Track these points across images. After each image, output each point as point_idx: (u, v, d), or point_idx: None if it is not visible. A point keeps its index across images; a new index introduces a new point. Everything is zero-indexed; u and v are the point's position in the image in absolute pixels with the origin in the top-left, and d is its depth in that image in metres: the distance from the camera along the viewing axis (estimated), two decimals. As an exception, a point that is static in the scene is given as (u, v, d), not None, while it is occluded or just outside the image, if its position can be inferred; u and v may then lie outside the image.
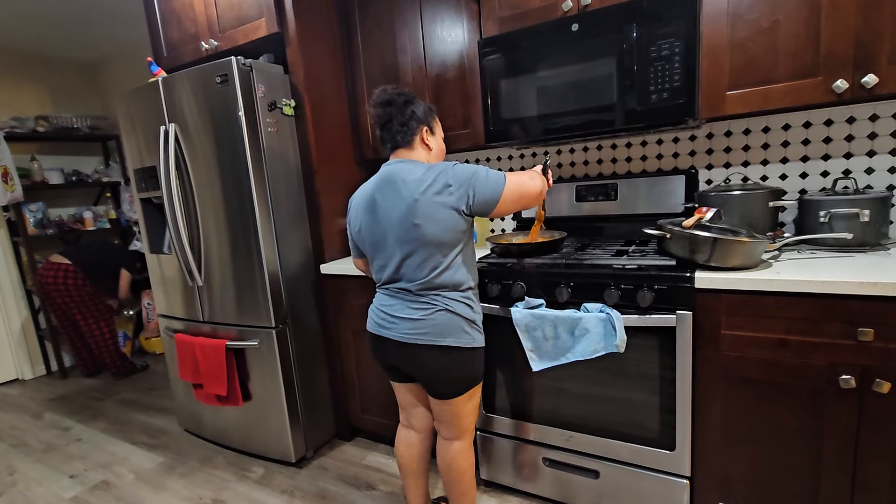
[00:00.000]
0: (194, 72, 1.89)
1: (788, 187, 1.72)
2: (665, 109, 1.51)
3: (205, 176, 1.97)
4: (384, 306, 1.38)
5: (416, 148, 1.36)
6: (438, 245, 1.27)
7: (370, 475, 2.02)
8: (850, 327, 1.18)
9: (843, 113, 1.60)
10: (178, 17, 2.24)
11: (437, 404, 1.40)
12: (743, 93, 1.47)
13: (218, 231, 2.00)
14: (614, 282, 1.44)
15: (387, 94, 1.35)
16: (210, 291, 2.10)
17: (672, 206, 1.83)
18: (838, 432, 1.24)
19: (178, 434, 2.50)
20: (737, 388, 1.35)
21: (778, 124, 1.70)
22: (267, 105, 1.91)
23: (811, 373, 1.25)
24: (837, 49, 1.33)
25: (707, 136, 1.82)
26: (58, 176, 3.61)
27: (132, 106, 2.14)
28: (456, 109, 1.99)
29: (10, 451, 2.46)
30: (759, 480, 1.37)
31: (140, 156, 2.19)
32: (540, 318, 1.50)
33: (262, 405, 2.08)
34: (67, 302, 3.09)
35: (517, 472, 1.76)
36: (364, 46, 2.17)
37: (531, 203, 1.35)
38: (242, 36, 2.05)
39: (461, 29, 1.90)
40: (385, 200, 1.32)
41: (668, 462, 1.47)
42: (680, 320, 1.36)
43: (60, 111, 3.77)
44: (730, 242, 1.31)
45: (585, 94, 1.63)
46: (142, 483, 2.09)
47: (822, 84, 1.36)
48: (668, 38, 1.46)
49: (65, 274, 3.04)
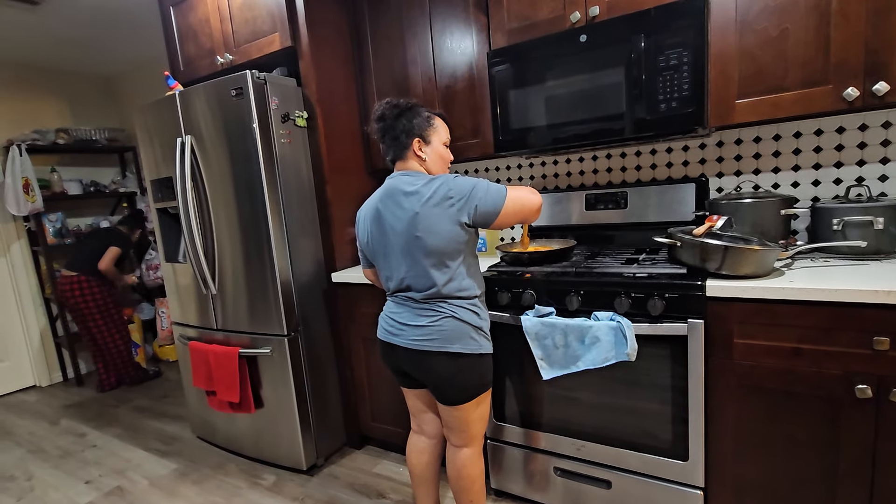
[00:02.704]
0: (210, 85, 1.94)
1: (801, 195, 1.71)
2: (674, 118, 1.51)
3: (219, 186, 2.01)
4: (393, 314, 1.40)
5: (409, 160, 1.38)
6: (440, 256, 1.29)
7: (380, 483, 2.02)
8: (865, 336, 1.17)
9: (856, 120, 1.59)
10: (194, 32, 2.30)
11: (445, 410, 1.41)
12: (752, 101, 1.47)
13: (232, 240, 2.03)
14: (625, 290, 1.44)
15: (381, 108, 1.38)
16: (223, 299, 2.13)
17: (682, 215, 1.83)
18: (854, 442, 1.22)
19: (192, 441, 2.52)
20: (750, 397, 1.34)
21: (789, 132, 1.69)
22: (280, 117, 1.95)
23: (826, 382, 1.23)
24: (847, 57, 1.33)
25: (717, 143, 1.82)
26: (76, 187, 3.70)
27: (149, 118, 2.19)
28: (465, 119, 2.01)
29: (27, 457, 2.50)
30: (773, 491, 1.35)
31: (157, 167, 2.24)
32: (550, 326, 1.50)
33: (273, 413, 2.10)
34: (84, 312, 3.14)
35: (527, 482, 1.75)
36: (375, 58, 2.21)
37: (531, 217, 1.36)
38: (256, 50, 2.10)
39: (470, 41, 1.93)
40: (388, 212, 1.34)
41: (682, 472, 1.45)
42: (691, 329, 1.35)
43: (80, 124, 3.88)
44: (741, 251, 1.31)
45: (594, 104, 1.64)
46: (155, 489, 2.12)
47: (832, 92, 1.36)
48: (677, 47, 1.47)
49: (79, 286, 3.09)
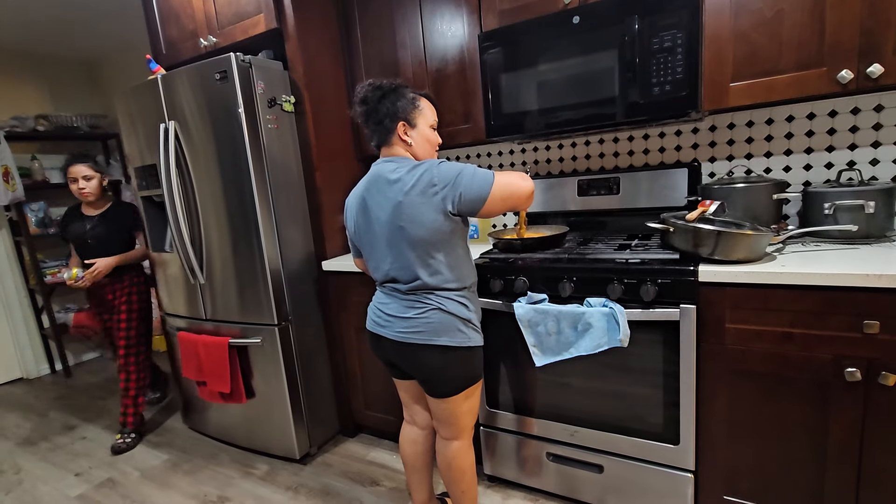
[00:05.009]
0: (193, 69, 1.88)
1: (792, 179, 1.71)
2: (667, 102, 1.50)
3: (205, 173, 1.97)
4: (381, 305, 1.38)
5: (394, 145, 1.32)
6: (425, 246, 1.25)
7: (374, 471, 2.02)
8: (855, 320, 1.18)
9: (848, 104, 1.58)
10: (176, 13, 2.23)
11: (434, 403, 1.39)
12: (746, 84, 1.45)
13: (219, 229, 1.99)
14: (617, 276, 1.44)
15: (363, 90, 1.31)
16: (212, 289, 2.09)
17: (675, 200, 1.82)
18: (844, 425, 1.24)
19: (183, 432, 2.51)
20: (741, 381, 1.35)
21: (782, 116, 1.68)
22: (267, 102, 1.90)
23: (816, 366, 1.24)
24: (842, 38, 1.32)
25: (710, 128, 1.81)
26: (59, 175, 3.61)
27: (132, 104, 2.13)
28: (456, 104, 1.98)
29: (15, 450, 2.47)
30: (764, 474, 1.37)
31: (140, 154, 2.18)
32: (543, 313, 1.50)
33: (265, 402, 2.08)
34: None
35: (521, 467, 1.77)
36: (364, 42, 2.15)
37: (521, 204, 1.28)
38: (241, 32, 2.04)
39: (461, 23, 1.89)
40: (373, 201, 1.31)
41: (673, 456, 1.47)
42: (684, 314, 1.35)
43: (60, 110, 3.76)
44: (733, 235, 1.30)
45: (587, 88, 1.61)
46: (147, 481, 2.10)
47: (826, 74, 1.35)
48: (671, 29, 1.45)
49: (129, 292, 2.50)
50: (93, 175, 2.37)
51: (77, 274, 2.32)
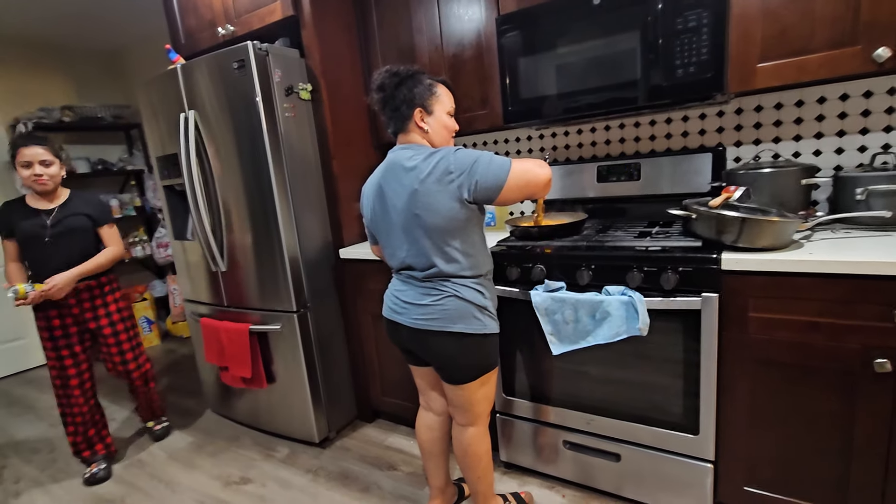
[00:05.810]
0: (211, 58, 1.90)
1: (822, 164, 1.64)
2: (691, 84, 1.45)
3: (225, 162, 1.99)
4: (398, 292, 1.38)
5: (411, 132, 1.32)
6: (441, 234, 1.25)
7: (392, 456, 2.05)
8: (886, 309, 1.13)
9: (884, 84, 1.51)
10: (194, 3, 2.24)
11: (450, 389, 1.40)
12: (775, 65, 1.39)
13: (239, 217, 2.02)
14: (637, 264, 1.41)
15: (380, 77, 1.30)
16: (233, 276, 2.13)
17: (698, 186, 1.77)
18: (871, 417, 1.20)
19: (207, 415, 2.58)
20: (764, 371, 1.32)
21: (812, 97, 1.61)
22: (284, 90, 1.90)
23: (844, 356, 1.20)
24: (879, 14, 1.25)
25: (736, 111, 1.75)
26: (84, 165, 3.70)
27: (153, 94, 2.16)
28: (473, 90, 1.95)
29: (49, 431, 2.58)
30: (786, 464, 1.34)
31: (162, 143, 2.22)
32: (560, 301, 1.48)
33: (285, 387, 2.12)
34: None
35: (537, 455, 1.77)
36: (379, 27, 2.14)
37: (538, 192, 1.28)
38: (258, 20, 2.04)
39: (478, 6, 1.85)
40: (390, 189, 1.31)
41: (692, 446, 1.45)
42: (705, 303, 1.32)
43: (85, 101, 3.85)
44: (759, 222, 1.26)
45: (607, 71, 1.57)
46: (173, 461, 2.17)
47: (861, 53, 1.28)
48: (696, 8, 1.39)
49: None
50: (52, 160, 1.90)
51: (25, 290, 1.78)
